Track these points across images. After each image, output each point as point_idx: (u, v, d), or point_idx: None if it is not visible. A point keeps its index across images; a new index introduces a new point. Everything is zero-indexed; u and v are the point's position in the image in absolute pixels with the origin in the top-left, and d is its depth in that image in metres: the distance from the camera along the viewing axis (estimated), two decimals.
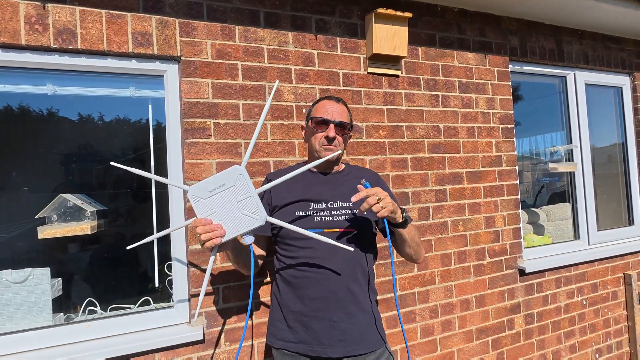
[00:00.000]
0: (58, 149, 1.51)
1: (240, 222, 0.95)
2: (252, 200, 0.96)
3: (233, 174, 0.95)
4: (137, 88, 1.50)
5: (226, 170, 0.96)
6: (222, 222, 0.95)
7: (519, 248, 2.12)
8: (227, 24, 1.52)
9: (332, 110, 1.21)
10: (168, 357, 1.37)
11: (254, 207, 0.96)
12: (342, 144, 1.23)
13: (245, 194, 0.95)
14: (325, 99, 1.27)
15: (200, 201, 0.95)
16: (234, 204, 0.95)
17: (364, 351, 1.11)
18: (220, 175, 0.96)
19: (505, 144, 2.12)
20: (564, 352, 2.22)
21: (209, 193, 0.95)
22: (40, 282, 1.37)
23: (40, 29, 1.29)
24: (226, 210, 0.95)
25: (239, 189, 0.95)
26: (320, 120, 1.20)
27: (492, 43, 2.12)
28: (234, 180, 0.95)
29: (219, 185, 0.95)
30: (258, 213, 0.96)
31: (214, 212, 0.95)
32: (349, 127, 1.24)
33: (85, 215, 1.41)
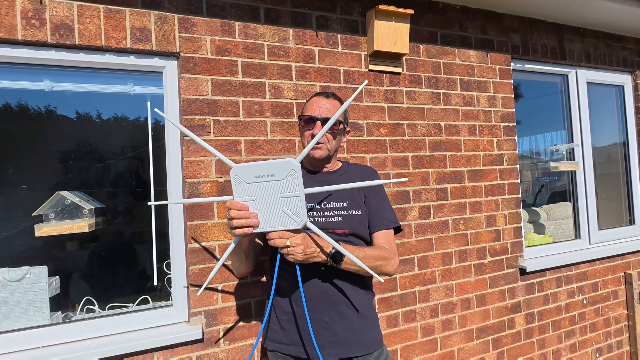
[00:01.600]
0: (56, 146, 1.50)
1: (277, 219, 0.90)
2: (297, 200, 0.89)
3: (286, 167, 0.88)
4: (135, 84, 1.48)
5: (281, 160, 0.89)
6: (258, 212, 0.89)
7: (520, 247, 2.11)
8: (226, 19, 1.51)
9: (319, 106, 1.16)
10: (167, 356, 1.36)
11: (297, 208, 0.89)
12: (331, 141, 1.16)
13: (293, 191, 0.89)
14: (316, 95, 1.22)
15: (242, 184, 0.89)
16: (277, 198, 0.89)
17: (358, 353, 1.09)
18: (272, 163, 0.88)
19: (506, 143, 2.11)
20: (564, 352, 2.21)
21: (254, 178, 0.88)
22: (37, 281, 1.35)
23: (37, 24, 1.27)
24: (266, 202, 0.89)
25: (288, 184, 0.88)
26: (307, 118, 1.16)
27: (494, 41, 2.10)
28: (285, 174, 0.88)
29: (268, 174, 0.88)
30: (299, 216, 0.90)
31: (253, 199, 0.89)
32: (340, 124, 1.17)
33: (82, 213, 1.40)
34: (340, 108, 0.92)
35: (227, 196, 0.93)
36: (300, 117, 1.20)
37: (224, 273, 1.46)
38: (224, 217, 1.47)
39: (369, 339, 1.13)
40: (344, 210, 1.14)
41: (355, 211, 1.15)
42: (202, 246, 1.44)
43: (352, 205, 1.15)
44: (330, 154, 1.19)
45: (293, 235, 0.92)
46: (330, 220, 1.13)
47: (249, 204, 0.90)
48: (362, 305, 1.14)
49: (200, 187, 1.44)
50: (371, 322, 1.15)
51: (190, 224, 1.42)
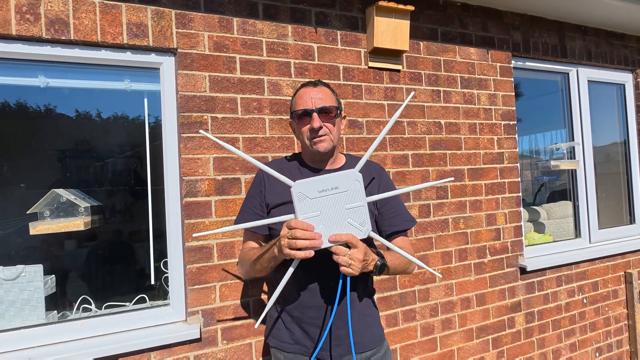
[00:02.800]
0: (52, 143, 1.48)
1: (342, 231, 0.88)
2: (361, 210, 0.89)
3: (350, 178, 0.88)
4: (132, 81, 1.47)
5: (343, 172, 0.88)
6: (323, 226, 0.88)
7: (520, 246, 2.10)
8: (224, 15, 1.49)
9: (310, 97, 1.06)
10: (164, 355, 1.34)
11: (362, 217, 0.89)
12: (332, 130, 1.07)
13: (357, 202, 0.88)
14: (302, 86, 1.11)
15: (305, 200, 0.87)
16: (341, 210, 0.88)
17: (361, 350, 1.09)
18: (335, 176, 0.88)
19: (507, 141, 2.09)
20: (564, 351, 2.21)
21: (318, 193, 0.87)
22: (32, 279, 1.33)
23: (32, 19, 1.25)
24: (331, 216, 0.88)
25: (352, 195, 0.88)
26: (300, 112, 1.06)
27: (495, 38, 2.08)
28: (348, 185, 0.88)
29: (331, 187, 0.87)
30: (365, 225, 0.89)
31: (318, 215, 0.87)
32: (335, 110, 1.07)
33: (78, 211, 1.38)
34: (387, 124, 0.91)
35: (289, 215, 0.90)
36: (292, 113, 1.10)
37: (222, 272, 1.44)
38: (222, 215, 1.45)
39: (370, 335, 1.12)
40: None
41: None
42: (201, 244, 1.42)
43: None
44: (335, 144, 1.10)
45: (355, 249, 0.89)
46: None
47: (314, 220, 0.87)
48: (366, 307, 1.13)
49: (197, 185, 1.43)
50: (372, 320, 1.14)
51: (188, 222, 1.41)
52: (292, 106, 1.13)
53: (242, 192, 1.49)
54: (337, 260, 0.89)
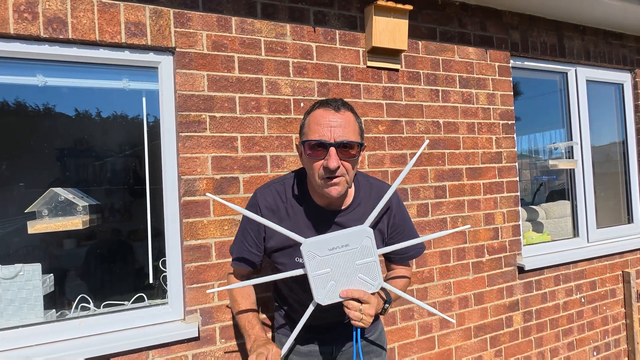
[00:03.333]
0: (51, 142, 1.48)
1: (353, 286, 0.89)
2: (373, 264, 0.89)
3: (360, 235, 0.88)
4: (130, 80, 1.46)
5: (353, 229, 0.88)
6: (334, 282, 0.88)
7: (518, 245, 2.10)
8: (223, 14, 1.49)
9: (330, 125, 0.86)
10: (162, 354, 1.35)
11: (373, 272, 0.89)
12: (350, 170, 0.90)
13: (368, 257, 0.88)
14: (321, 106, 0.91)
15: (315, 258, 0.87)
16: (352, 266, 0.88)
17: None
18: (346, 234, 0.87)
19: (505, 140, 2.10)
20: (561, 350, 2.21)
21: (328, 251, 0.87)
22: (31, 278, 1.34)
23: (30, 18, 1.25)
24: (342, 272, 0.88)
25: (363, 251, 0.88)
26: (314, 143, 0.87)
27: (493, 38, 2.08)
28: (359, 242, 0.87)
29: (342, 245, 0.87)
30: (376, 279, 0.90)
31: (328, 272, 0.88)
32: (358, 147, 0.89)
33: (76, 209, 1.38)
34: (402, 171, 0.84)
35: (298, 270, 0.91)
36: (304, 141, 0.90)
37: (220, 271, 1.44)
38: (220, 214, 1.46)
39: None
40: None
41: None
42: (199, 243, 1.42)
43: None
44: (349, 186, 0.95)
45: (367, 305, 0.88)
46: None
47: (324, 277, 0.88)
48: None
49: (196, 184, 1.43)
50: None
51: (186, 222, 1.41)
52: (303, 129, 0.93)
53: (240, 191, 1.49)
54: (348, 314, 0.88)
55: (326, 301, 0.89)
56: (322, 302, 0.89)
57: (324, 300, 0.89)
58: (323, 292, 0.89)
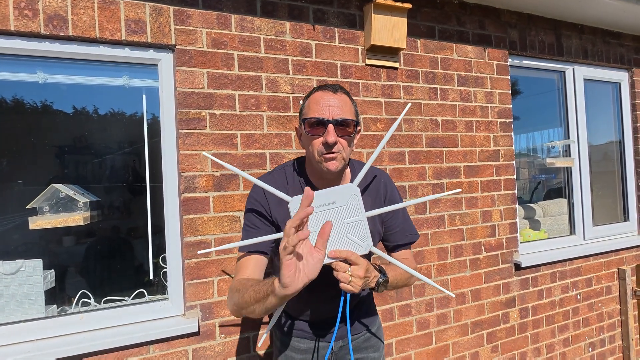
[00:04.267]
0: (51, 140, 1.48)
1: (341, 246, 0.87)
2: (361, 224, 0.87)
3: (347, 192, 0.86)
4: (130, 77, 1.47)
5: (340, 187, 0.86)
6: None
7: (515, 243, 2.12)
8: (222, 12, 1.49)
9: (328, 104, 0.93)
10: (163, 349, 1.36)
11: (361, 232, 0.87)
12: (346, 148, 0.95)
13: (355, 216, 0.87)
14: (319, 89, 0.97)
15: None
16: (340, 225, 0.86)
17: (354, 332, 1.13)
18: (332, 191, 0.85)
19: (503, 139, 2.11)
20: (557, 346, 2.24)
21: (315, 208, 0.84)
22: (32, 274, 1.35)
23: (30, 15, 1.25)
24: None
25: (350, 209, 0.86)
26: (314, 121, 0.92)
27: (492, 36, 2.10)
28: (346, 200, 0.86)
29: (329, 202, 0.85)
30: (365, 240, 0.87)
31: (316, 230, 0.84)
32: (355, 124, 0.95)
33: (77, 206, 1.39)
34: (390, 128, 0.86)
35: (280, 233, 0.89)
36: (304, 120, 0.95)
37: (220, 266, 1.46)
38: (220, 211, 1.47)
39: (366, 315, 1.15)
40: None
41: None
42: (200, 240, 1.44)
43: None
44: (346, 162, 0.98)
45: (356, 266, 0.85)
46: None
47: (312, 235, 0.83)
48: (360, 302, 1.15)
49: (196, 181, 1.44)
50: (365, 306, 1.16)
51: (186, 218, 1.42)
52: (303, 110, 0.98)
53: (239, 188, 1.50)
54: (337, 276, 0.85)
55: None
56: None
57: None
58: None
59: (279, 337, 1.18)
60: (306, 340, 1.13)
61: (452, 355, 1.91)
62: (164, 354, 1.36)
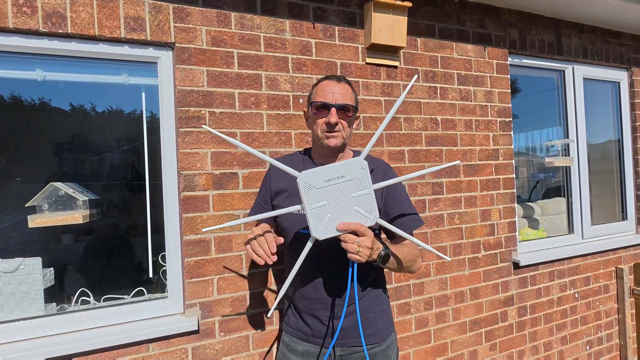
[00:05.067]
0: (50, 137, 1.48)
1: (349, 219, 0.90)
2: (368, 197, 0.90)
3: (355, 166, 0.89)
4: (129, 75, 1.47)
5: (349, 160, 0.89)
6: (331, 215, 0.89)
7: (514, 241, 2.13)
8: (222, 10, 1.49)
9: (332, 92, 1.09)
10: (162, 347, 1.37)
11: (369, 205, 0.90)
12: (346, 128, 1.10)
13: (363, 189, 0.90)
14: (326, 79, 1.14)
15: (312, 190, 0.87)
16: (348, 198, 0.89)
17: (358, 344, 1.10)
18: (341, 165, 0.89)
19: (502, 138, 2.11)
20: (555, 344, 2.25)
21: (324, 183, 0.88)
22: (31, 272, 1.35)
23: (29, 12, 1.24)
24: (339, 204, 0.89)
25: (358, 183, 0.89)
26: (320, 104, 1.08)
27: (492, 35, 2.09)
28: (354, 174, 0.89)
29: (338, 176, 0.88)
30: (372, 212, 0.91)
31: (325, 204, 0.88)
32: (353, 109, 1.11)
33: (76, 204, 1.39)
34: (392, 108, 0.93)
35: (295, 206, 0.92)
36: (311, 103, 1.12)
37: (220, 265, 1.46)
38: (219, 209, 1.47)
39: (373, 330, 1.13)
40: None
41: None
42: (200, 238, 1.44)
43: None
44: (345, 141, 1.13)
45: (364, 237, 0.91)
46: None
47: (321, 209, 0.89)
48: (365, 302, 1.14)
49: (195, 180, 1.44)
50: (375, 315, 1.15)
51: (186, 217, 1.42)
52: (311, 95, 1.16)
53: (239, 186, 1.50)
54: (345, 247, 0.91)
55: (323, 235, 0.90)
56: (319, 236, 0.90)
57: (321, 234, 0.90)
58: (320, 225, 0.89)
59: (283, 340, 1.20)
60: (304, 343, 1.14)
61: (450, 353, 1.92)
62: (164, 352, 1.37)
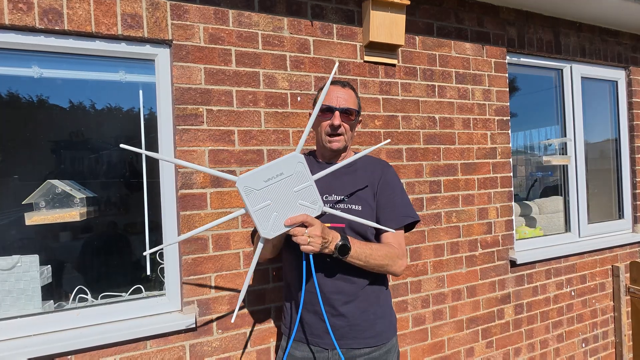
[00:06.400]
0: (47, 135, 1.47)
1: (295, 213, 0.90)
2: (310, 189, 0.91)
3: (292, 162, 0.89)
4: (127, 72, 1.46)
5: (284, 157, 0.89)
6: (277, 214, 0.89)
7: (511, 240, 2.14)
8: (220, 7, 1.48)
9: (337, 96, 1.14)
10: (160, 344, 1.37)
11: (312, 196, 0.91)
12: (348, 132, 1.16)
13: (304, 183, 0.90)
14: (331, 84, 1.18)
15: (253, 192, 0.87)
16: (290, 193, 0.89)
17: (356, 346, 1.10)
18: (278, 162, 0.89)
19: (500, 136, 2.12)
20: (551, 342, 2.27)
21: (264, 183, 0.88)
22: (29, 269, 1.35)
23: (25, 8, 1.24)
24: (282, 201, 0.89)
25: (298, 177, 0.90)
26: (324, 108, 1.13)
27: (490, 33, 2.09)
28: (292, 169, 0.89)
29: (277, 174, 0.88)
30: (316, 203, 0.92)
31: (269, 204, 0.88)
32: (356, 114, 1.17)
33: (74, 201, 1.39)
34: (322, 92, 0.98)
35: (239, 210, 0.92)
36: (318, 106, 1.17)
37: (217, 263, 1.46)
38: (217, 207, 1.47)
39: (372, 332, 1.12)
40: (343, 204, 1.13)
41: (355, 206, 1.13)
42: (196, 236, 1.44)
43: (353, 199, 1.14)
44: (347, 144, 1.19)
45: (312, 227, 0.92)
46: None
47: (265, 209, 0.89)
48: (364, 300, 1.13)
49: (193, 177, 1.44)
50: (375, 317, 1.14)
51: (184, 214, 1.42)
52: (316, 99, 1.21)
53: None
54: (296, 240, 0.92)
55: (272, 234, 0.90)
56: (268, 235, 0.90)
57: (269, 233, 0.90)
58: (267, 225, 0.90)
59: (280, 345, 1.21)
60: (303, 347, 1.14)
61: (447, 350, 1.93)
62: (161, 350, 1.37)
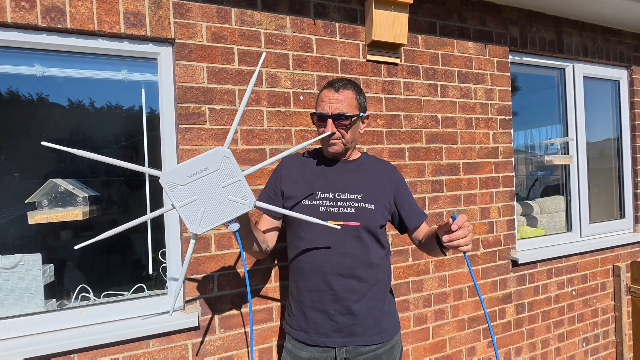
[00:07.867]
0: (49, 133, 1.47)
1: (225, 209, 0.87)
2: (239, 184, 0.88)
3: (217, 156, 0.86)
4: (129, 71, 1.46)
5: (208, 152, 0.86)
6: (204, 210, 0.87)
7: (513, 239, 2.14)
8: (223, 5, 1.48)
9: (330, 102, 1.12)
10: (162, 343, 1.37)
11: (242, 192, 0.88)
12: (346, 135, 1.14)
13: (232, 178, 0.87)
14: (325, 87, 1.17)
15: (177, 188, 0.85)
16: (218, 189, 0.87)
17: (363, 343, 1.11)
18: (201, 157, 0.85)
19: (502, 136, 2.12)
20: (552, 341, 2.27)
21: (188, 179, 0.85)
22: (31, 268, 1.34)
23: (27, 6, 1.23)
24: (209, 197, 0.86)
25: (225, 172, 0.86)
26: (318, 116, 1.14)
27: (493, 33, 2.09)
28: (218, 164, 0.86)
29: (201, 170, 0.85)
30: (247, 198, 0.88)
31: (195, 199, 0.86)
32: (351, 118, 1.12)
33: (76, 200, 1.39)
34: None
35: (167, 207, 0.89)
36: (312, 114, 1.17)
37: (219, 262, 1.46)
38: None
39: (379, 330, 1.14)
40: (357, 202, 1.14)
41: (369, 205, 1.14)
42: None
43: (367, 198, 1.15)
44: (348, 146, 1.18)
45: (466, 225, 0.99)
46: (343, 212, 1.12)
47: (192, 205, 0.86)
48: (372, 299, 1.14)
49: None
50: (382, 314, 1.15)
51: None
52: (315, 104, 1.22)
53: None
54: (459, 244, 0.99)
55: (201, 230, 0.88)
56: (197, 231, 0.88)
57: (198, 229, 0.87)
58: (196, 221, 0.87)
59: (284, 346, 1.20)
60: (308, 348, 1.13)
61: (449, 350, 1.93)
62: (164, 349, 1.37)
